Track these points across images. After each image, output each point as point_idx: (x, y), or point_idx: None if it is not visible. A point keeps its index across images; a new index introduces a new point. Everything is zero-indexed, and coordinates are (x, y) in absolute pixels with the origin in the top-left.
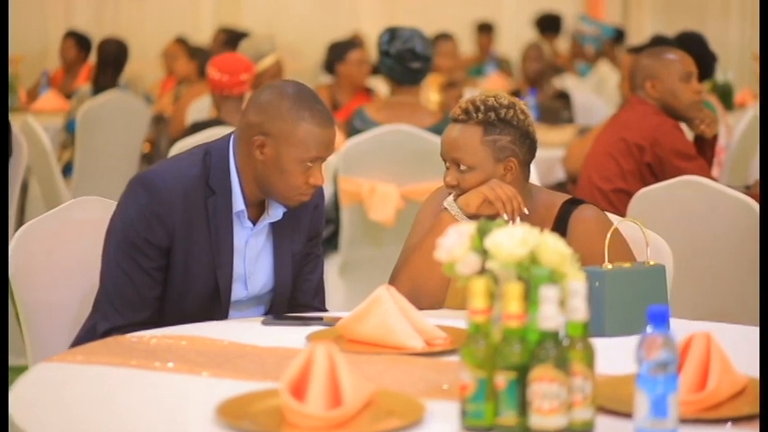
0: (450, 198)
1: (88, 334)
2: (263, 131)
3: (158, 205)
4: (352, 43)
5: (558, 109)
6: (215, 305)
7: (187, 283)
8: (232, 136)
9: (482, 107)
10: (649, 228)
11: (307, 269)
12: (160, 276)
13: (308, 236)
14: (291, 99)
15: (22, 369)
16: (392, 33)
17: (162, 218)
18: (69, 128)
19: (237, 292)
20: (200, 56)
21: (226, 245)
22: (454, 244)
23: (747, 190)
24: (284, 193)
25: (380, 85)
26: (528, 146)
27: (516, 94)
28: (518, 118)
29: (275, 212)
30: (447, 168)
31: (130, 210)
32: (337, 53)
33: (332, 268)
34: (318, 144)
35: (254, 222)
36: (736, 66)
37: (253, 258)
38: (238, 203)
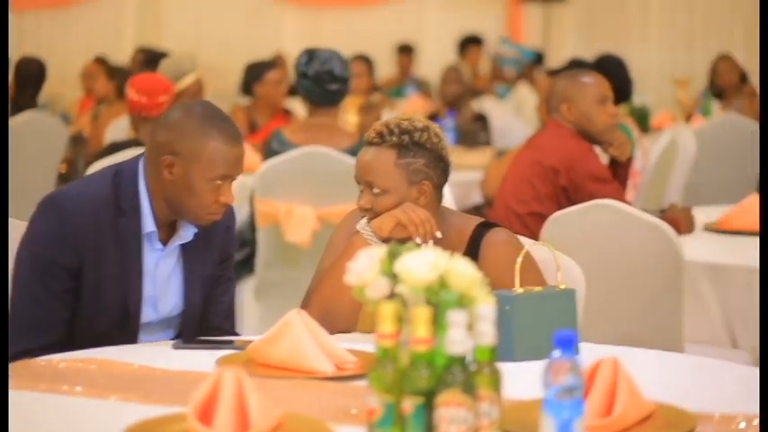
0: (364, 221)
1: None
2: (171, 151)
3: (67, 227)
4: (270, 63)
5: (476, 131)
6: (125, 327)
7: (97, 305)
8: (142, 157)
9: (396, 130)
10: (563, 251)
11: (218, 291)
12: (69, 299)
13: (220, 258)
14: (199, 118)
15: None
16: (310, 55)
17: (71, 240)
18: None
19: (147, 314)
20: (119, 76)
21: (135, 267)
22: (364, 268)
23: (662, 214)
24: (194, 212)
25: (299, 107)
26: (441, 169)
27: (435, 116)
28: (432, 141)
29: (186, 233)
30: (361, 191)
31: (40, 232)
32: (255, 73)
33: (248, 291)
34: (227, 162)
35: (165, 244)
36: (655, 89)
37: (163, 281)
38: (148, 225)
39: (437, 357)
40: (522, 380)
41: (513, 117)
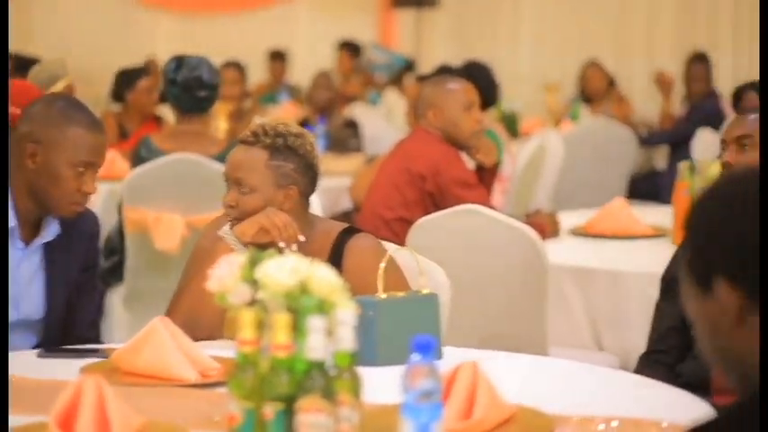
0: (226, 227)
1: None
2: (33, 139)
3: None
4: (142, 70)
5: (347, 138)
6: None
7: None
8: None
9: (271, 132)
10: (429, 256)
11: (83, 300)
12: None
13: (84, 265)
14: (60, 106)
15: None
16: (179, 62)
17: None
18: None
19: (9, 314)
20: None
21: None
22: (225, 274)
23: (527, 218)
24: (57, 201)
25: (170, 114)
26: (310, 177)
27: (306, 122)
28: (305, 148)
29: (49, 232)
30: (228, 189)
31: None
32: (126, 80)
33: (117, 299)
34: (89, 148)
35: (28, 244)
36: (525, 95)
37: (25, 281)
38: (10, 220)
39: (297, 363)
40: (384, 384)
41: (385, 123)
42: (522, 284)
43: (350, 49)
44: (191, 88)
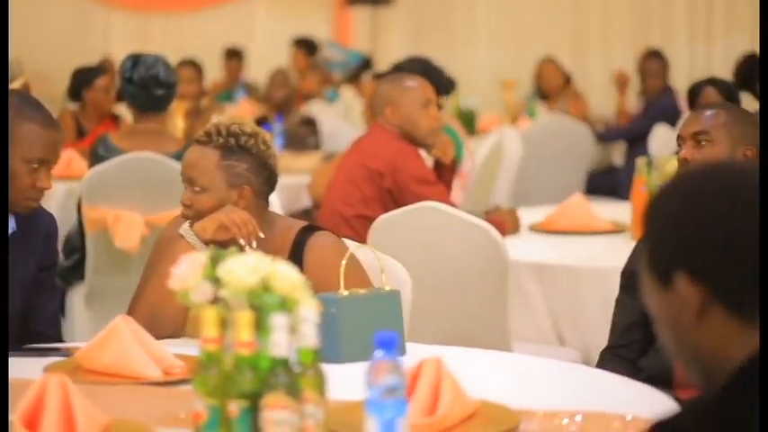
0: (186, 225)
1: None
2: None
3: None
4: (99, 69)
5: (305, 135)
6: None
7: None
8: None
9: (224, 132)
10: (390, 253)
11: (43, 298)
12: None
13: (41, 264)
14: (14, 104)
15: None
16: (135, 60)
17: None
18: None
19: None
20: None
21: None
22: (187, 272)
23: (486, 215)
24: (12, 197)
25: (127, 112)
26: (265, 177)
27: (263, 120)
28: (258, 148)
29: None
30: (185, 188)
31: None
32: (83, 79)
33: (78, 297)
34: (44, 144)
35: None
36: (481, 92)
37: None
38: None
39: (261, 360)
40: (349, 381)
41: (342, 121)
42: (483, 281)
43: (305, 46)
44: (147, 87)
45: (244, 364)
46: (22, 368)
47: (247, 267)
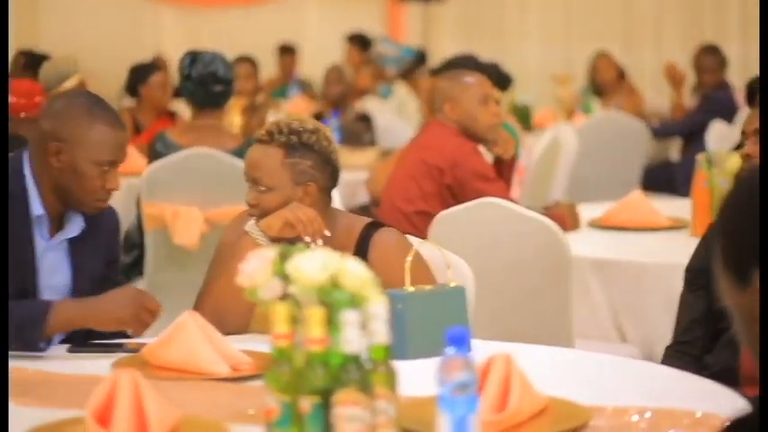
0: (252, 222)
1: None
2: (57, 138)
3: None
4: (155, 65)
5: (360, 131)
6: None
7: None
8: (25, 150)
9: (285, 130)
10: (450, 249)
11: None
12: None
13: (107, 260)
14: (82, 104)
15: None
16: (193, 57)
17: None
18: None
19: None
20: None
21: (28, 248)
22: (255, 269)
23: (546, 210)
24: (82, 198)
25: (183, 109)
26: (329, 172)
27: (319, 116)
28: (320, 144)
29: (72, 228)
30: (249, 188)
31: None
32: (140, 75)
33: None
34: (112, 146)
35: (51, 237)
36: (534, 87)
37: (47, 273)
38: (36, 208)
39: (332, 357)
40: (417, 377)
41: (396, 117)
42: (545, 277)
43: (358, 42)
44: (206, 83)
45: (315, 361)
46: (89, 365)
47: (316, 264)
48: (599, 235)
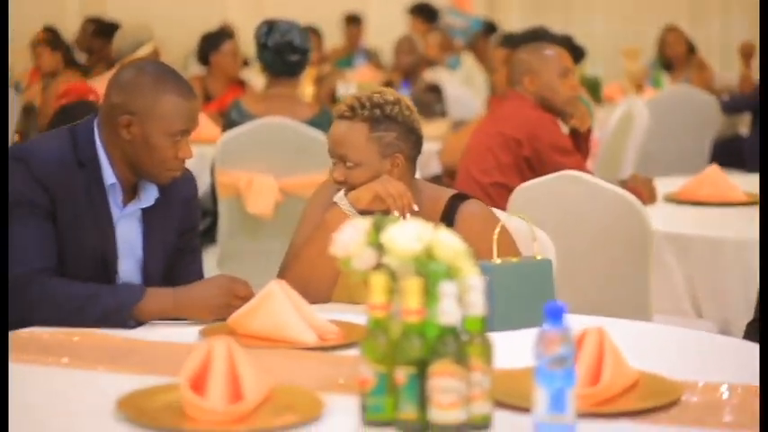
0: (341, 193)
1: None
2: (127, 110)
3: (36, 171)
4: (226, 34)
5: (431, 102)
6: (104, 276)
7: (75, 252)
8: (96, 118)
9: (367, 104)
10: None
11: (185, 261)
12: (54, 232)
13: (182, 229)
14: (152, 75)
15: None
16: (270, 26)
17: (43, 183)
18: None
19: None
20: (62, 46)
21: (105, 214)
22: (350, 239)
23: (623, 183)
24: (155, 169)
25: (253, 77)
26: (413, 141)
27: (388, 86)
28: (403, 114)
29: (146, 198)
30: (334, 164)
31: (14, 182)
32: (211, 43)
33: (210, 261)
34: (184, 116)
35: (125, 206)
36: (601, 60)
37: (121, 241)
38: (109, 176)
39: (429, 328)
40: (507, 349)
41: (464, 88)
42: (625, 250)
43: (422, 13)
44: (282, 52)
45: (412, 332)
46: (175, 332)
47: (411, 235)
48: (676, 209)
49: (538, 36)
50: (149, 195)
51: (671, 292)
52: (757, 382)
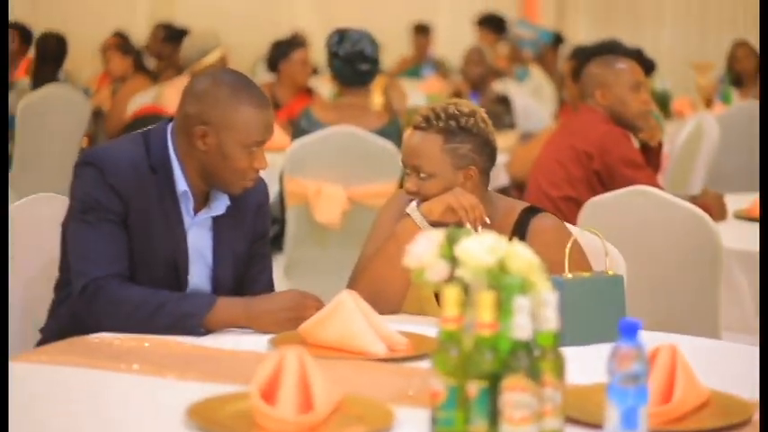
0: (413, 204)
1: (60, 309)
2: (203, 121)
3: (110, 176)
4: (297, 42)
5: (500, 114)
6: (175, 282)
7: (147, 258)
8: (169, 124)
9: (443, 115)
10: None
11: (255, 270)
12: (125, 237)
13: (253, 236)
14: (228, 86)
15: None
16: (341, 35)
17: (115, 188)
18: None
19: None
20: (132, 51)
21: (177, 220)
22: (423, 251)
23: (693, 199)
24: (229, 180)
25: (322, 86)
26: (488, 154)
27: (456, 96)
28: (478, 126)
29: (218, 206)
30: (408, 174)
31: (85, 187)
32: (281, 51)
33: (277, 269)
34: (259, 127)
35: (195, 214)
36: (669, 73)
37: (191, 249)
38: (181, 184)
39: (502, 342)
40: (577, 364)
41: (533, 99)
42: (695, 267)
43: (490, 24)
44: (353, 61)
45: (484, 345)
46: (246, 340)
47: (485, 247)
48: (746, 226)
49: (609, 49)
50: (221, 204)
51: (740, 310)
52: None
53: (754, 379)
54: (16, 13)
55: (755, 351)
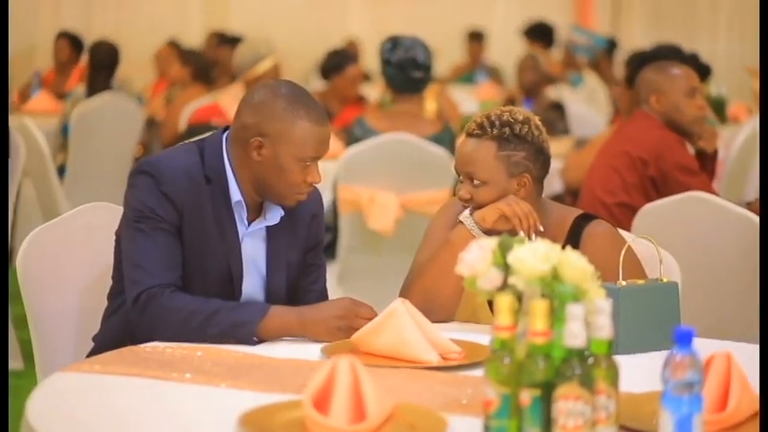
0: (466, 212)
1: (113, 317)
2: (259, 132)
3: (164, 185)
4: (351, 57)
5: (554, 120)
6: (229, 292)
7: (201, 268)
8: (225, 133)
9: (497, 122)
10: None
11: (309, 279)
12: (179, 245)
13: (307, 246)
14: (286, 98)
15: (18, 373)
16: (394, 42)
17: (170, 197)
18: (63, 131)
19: None
20: (192, 59)
21: (231, 229)
22: (476, 258)
23: (749, 206)
24: (283, 192)
25: (373, 93)
26: (542, 162)
27: (510, 103)
28: (532, 134)
29: (272, 216)
30: (461, 182)
31: (140, 196)
32: (335, 64)
33: (330, 276)
34: (316, 142)
35: (249, 224)
36: (725, 79)
37: (245, 260)
38: (236, 194)
39: (555, 350)
40: (631, 372)
41: (587, 106)
42: (750, 274)
43: (538, 35)
44: (405, 69)
45: (537, 354)
46: (298, 348)
47: (538, 255)
48: None
49: (664, 54)
50: (275, 214)
51: None
52: None
53: None
54: (69, 22)
55: None
